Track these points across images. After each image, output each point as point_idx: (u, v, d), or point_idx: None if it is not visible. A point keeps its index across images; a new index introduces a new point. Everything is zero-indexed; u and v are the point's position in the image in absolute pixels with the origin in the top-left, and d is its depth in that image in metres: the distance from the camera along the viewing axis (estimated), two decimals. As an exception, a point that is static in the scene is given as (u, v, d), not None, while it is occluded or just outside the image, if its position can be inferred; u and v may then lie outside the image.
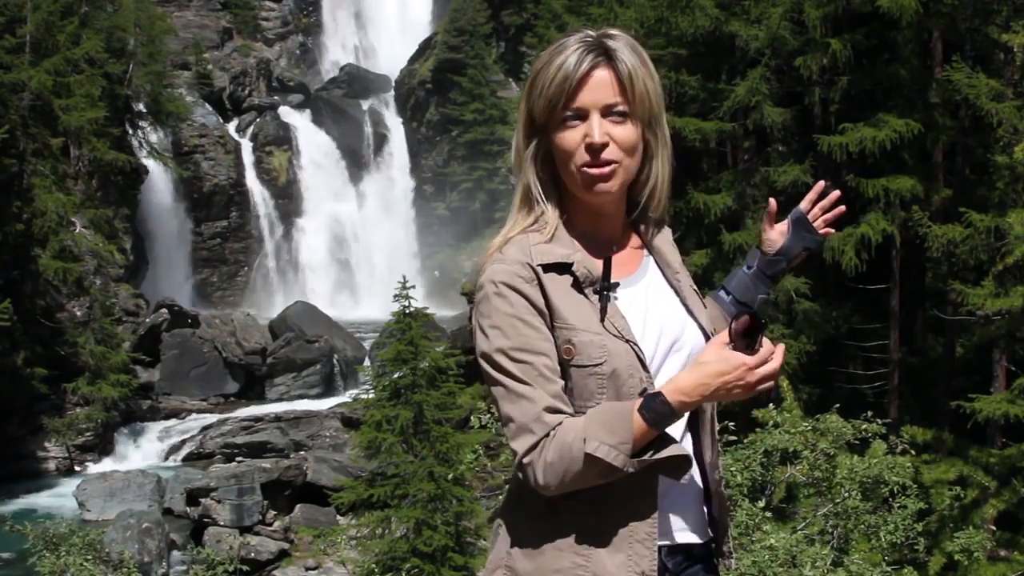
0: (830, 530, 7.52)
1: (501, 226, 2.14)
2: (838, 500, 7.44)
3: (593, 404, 1.96)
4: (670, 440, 1.93)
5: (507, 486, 2.15)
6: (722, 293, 2.37)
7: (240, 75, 45.71)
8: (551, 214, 2.06)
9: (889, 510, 7.61)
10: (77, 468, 26.22)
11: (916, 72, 16.75)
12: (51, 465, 26.22)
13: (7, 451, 25.30)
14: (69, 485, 24.06)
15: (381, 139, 45.22)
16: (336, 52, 50.50)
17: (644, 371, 1.98)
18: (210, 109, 43.81)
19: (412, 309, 15.98)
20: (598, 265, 2.02)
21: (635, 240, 2.15)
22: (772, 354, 1.88)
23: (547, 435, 1.93)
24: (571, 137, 1.99)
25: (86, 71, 30.01)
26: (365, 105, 45.80)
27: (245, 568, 8.83)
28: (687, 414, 2.00)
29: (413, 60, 45.92)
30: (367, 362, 29.35)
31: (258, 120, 44.02)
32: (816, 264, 17.45)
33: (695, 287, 2.16)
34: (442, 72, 42.65)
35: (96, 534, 10.54)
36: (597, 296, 1.99)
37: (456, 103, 41.65)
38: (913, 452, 8.75)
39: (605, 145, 1.98)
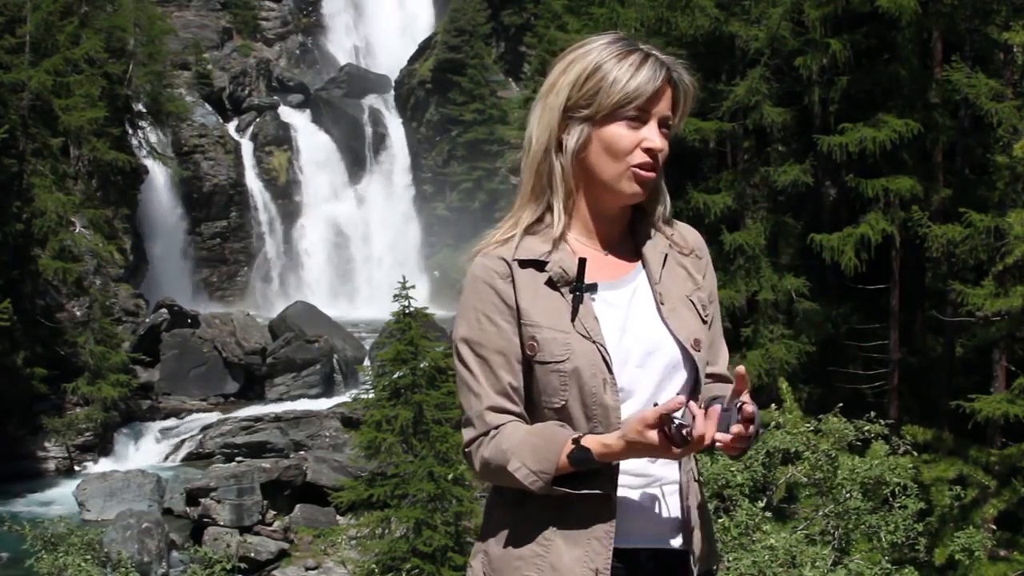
0: (831, 530, 7.51)
1: (496, 224, 2.17)
2: (839, 500, 7.43)
3: (556, 400, 2.04)
4: (594, 478, 2.00)
5: None
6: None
7: (240, 75, 45.71)
8: (559, 214, 2.11)
9: (890, 510, 7.61)
10: (77, 468, 26.22)
11: (916, 72, 16.75)
12: (51, 465, 26.22)
13: (7, 451, 25.30)
14: (69, 485, 24.05)
15: (381, 139, 45.23)
16: (336, 52, 50.49)
17: (608, 372, 2.03)
18: (210, 109, 43.81)
19: (412, 309, 15.98)
20: (574, 267, 2.06)
21: (633, 247, 2.17)
22: (696, 441, 1.91)
23: (486, 432, 2.04)
24: (630, 136, 2.05)
25: (86, 71, 30.01)
26: (365, 105, 45.79)
27: (244, 567, 8.83)
28: None
29: (413, 60, 45.92)
30: (367, 362, 29.36)
31: (258, 120, 44.03)
32: (816, 264, 17.45)
33: (697, 299, 2.16)
34: (442, 72, 42.65)
35: (95, 534, 10.54)
36: (571, 295, 2.05)
37: (456, 103, 41.66)
38: (914, 452, 8.75)
39: (660, 152, 2.07)
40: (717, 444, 1.95)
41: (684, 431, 1.88)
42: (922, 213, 15.11)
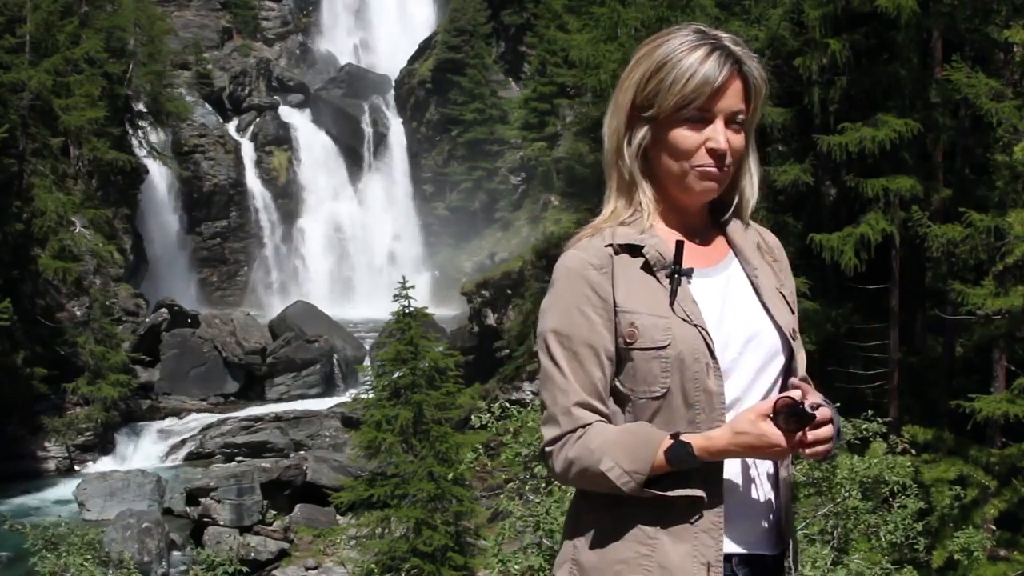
0: (830, 530, 7.51)
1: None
2: (838, 500, 7.43)
3: (658, 388, 1.97)
4: (684, 480, 1.94)
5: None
6: None
7: (240, 75, 45.71)
8: (647, 205, 2.07)
9: (889, 510, 7.61)
10: (77, 468, 26.21)
11: (916, 72, 16.75)
12: (51, 465, 26.22)
13: (7, 451, 25.29)
14: (69, 485, 24.05)
15: (381, 139, 45.23)
16: (336, 52, 50.49)
17: (711, 357, 1.97)
18: (210, 109, 43.82)
19: (412, 309, 15.99)
20: (672, 250, 2.02)
21: (720, 238, 2.15)
22: (812, 441, 1.88)
23: (572, 431, 1.96)
24: (693, 137, 2.00)
25: (86, 71, 30.02)
26: (365, 105, 45.79)
27: (245, 569, 8.83)
28: None
29: (413, 60, 45.92)
30: (367, 362, 29.36)
31: (258, 120, 44.04)
32: (816, 264, 17.45)
33: (785, 293, 2.14)
34: (442, 72, 42.65)
35: (96, 534, 10.53)
36: (668, 280, 2.00)
37: (456, 103, 41.65)
38: (913, 452, 8.75)
39: (726, 152, 2.01)
40: (808, 452, 1.88)
41: (806, 415, 1.83)
42: (922, 213, 15.11)
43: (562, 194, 29.05)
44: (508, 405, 8.10)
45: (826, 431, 1.89)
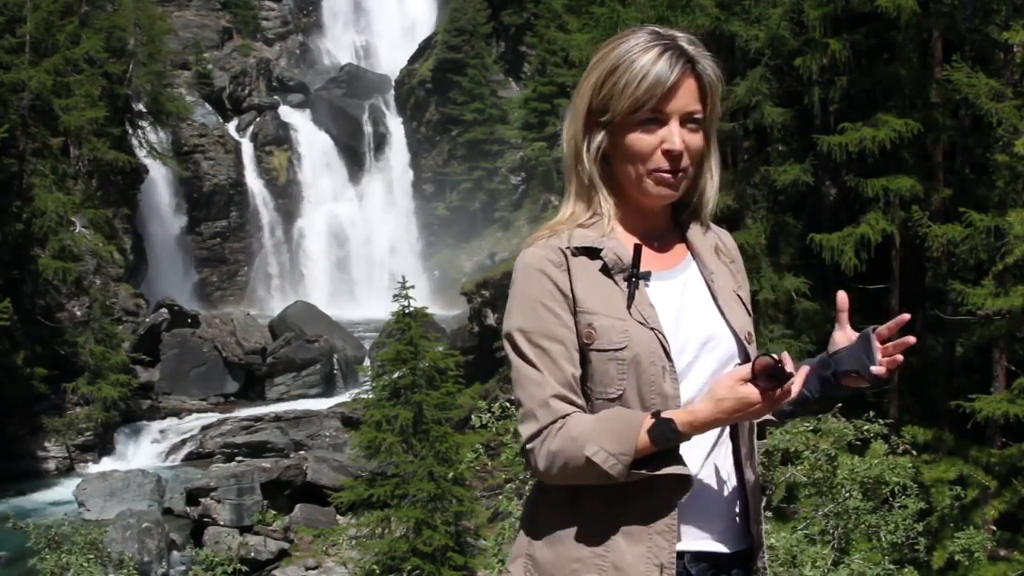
0: (831, 530, 7.51)
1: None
2: (839, 500, 7.44)
3: (613, 390, 1.98)
4: (674, 457, 1.94)
5: (530, 478, 2.16)
6: None
7: (240, 75, 45.70)
8: (607, 210, 2.07)
9: (889, 510, 7.61)
10: (77, 468, 26.21)
11: (916, 72, 16.75)
12: (51, 465, 26.21)
13: (7, 451, 25.29)
14: (69, 485, 24.05)
15: (381, 139, 45.23)
16: (336, 52, 50.50)
17: (667, 360, 1.98)
18: (210, 109, 43.82)
19: (412, 309, 15.99)
20: (631, 254, 2.03)
21: (679, 240, 2.15)
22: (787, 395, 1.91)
23: (552, 423, 1.95)
24: (648, 140, 2.00)
25: (86, 71, 30.02)
26: (365, 105, 45.79)
27: (244, 569, 8.83)
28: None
29: (413, 60, 45.92)
30: (367, 362, 29.36)
31: (258, 120, 44.03)
32: (816, 264, 17.45)
33: (742, 295, 2.16)
34: (442, 72, 42.65)
35: (97, 533, 10.53)
36: (626, 283, 2.01)
37: (456, 103, 41.65)
38: (914, 452, 8.75)
39: (681, 153, 2.00)
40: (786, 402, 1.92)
41: (783, 374, 1.86)
42: (922, 213, 15.11)
43: (562, 194, 29.02)
44: (508, 405, 8.10)
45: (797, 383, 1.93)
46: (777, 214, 18.32)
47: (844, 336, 2.22)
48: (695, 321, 2.05)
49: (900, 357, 2.11)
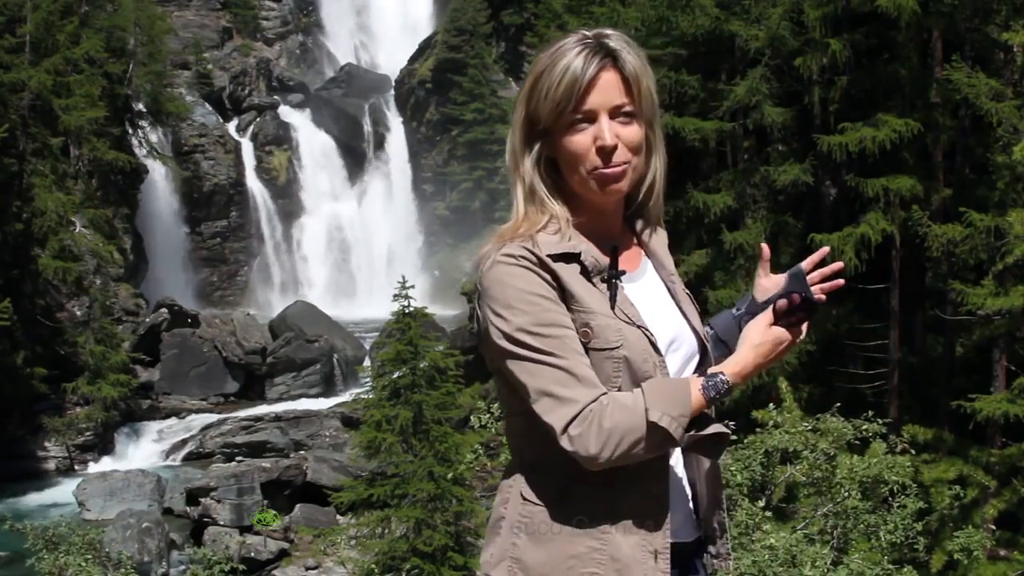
0: (830, 530, 7.51)
1: (501, 225, 2.12)
2: (838, 500, 7.43)
3: (609, 388, 1.96)
4: (710, 418, 2.00)
5: (502, 481, 2.13)
6: (707, 328, 2.31)
7: (240, 75, 45.70)
8: (561, 213, 2.04)
9: (889, 510, 7.61)
10: (77, 468, 26.21)
11: (916, 72, 16.75)
12: (51, 465, 26.22)
13: (7, 451, 25.30)
14: (69, 485, 24.05)
15: (381, 139, 45.22)
16: (336, 52, 50.49)
17: (658, 355, 2.00)
18: (210, 109, 43.81)
19: (412, 309, 15.98)
20: (604, 256, 2.03)
21: (633, 240, 2.16)
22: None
23: (592, 401, 1.90)
24: (581, 140, 1.99)
25: (86, 71, 30.01)
26: (365, 105, 45.78)
27: (243, 569, 8.83)
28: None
29: (413, 60, 45.91)
30: (367, 362, 29.35)
31: (258, 120, 44.02)
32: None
33: (688, 292, 2.20)
34: (442, 72, 42.64)
35: (96, 533, 10.53)
36: (605, 284, 2.01)
37: (456, 103, 41.65)
38: (913, 452, 8.75)
39: (615, 147, 1.98)
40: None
41: (811, 305, 2.03)
42: (922, 213, 15.11)
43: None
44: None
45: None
46: (777, 214, 18.31)
47: (771, 282, 2.23)
48: (662, 321, 2.07)
49: (840, 281, 2.20)
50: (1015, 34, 14.38)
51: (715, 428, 1.98)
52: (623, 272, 2.02)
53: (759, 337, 1.99)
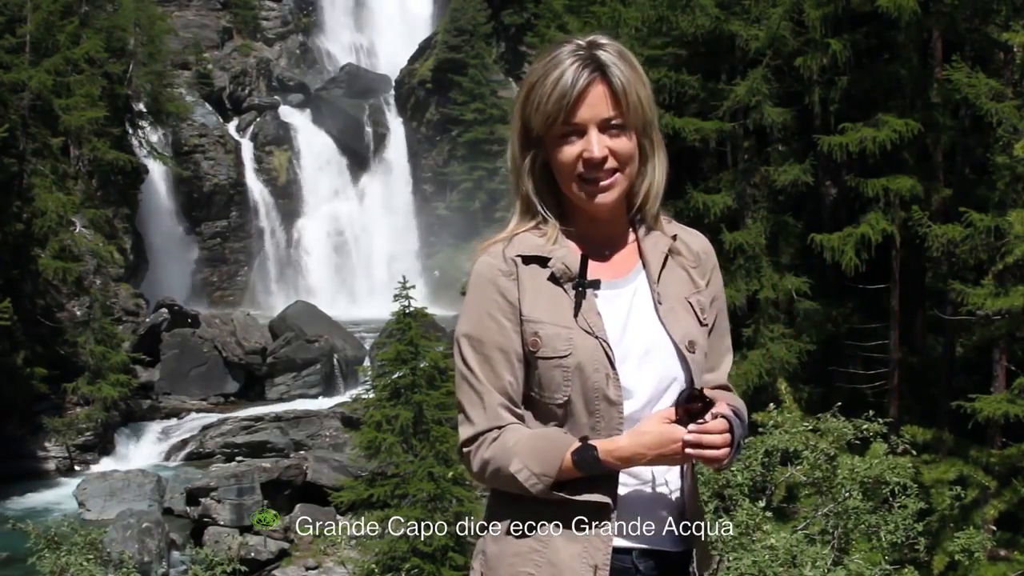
0: (830, 530, 7.51)
1: (501, 226, 2.17)
2: (838, 500, 7.43)
3: (560, 396, 2.03)
4: (598, 484, 2.01)
5: None
6: None
7: (240, 75, 45.70)
8: (552, 222, 2.11)
9: (889, 510, 7.61)
10: (77, 468, 26.21)
11: (916, 72, 16.75)
12: (51, 465, 26.21)
13: (7, 451, 25.29)
14: (69, 485, 24.05)
15: (381, 139, 45.22)
16: (336, 52, 50.48)
17: (611, 368, 2.02)
18: (210, 109, 43.81)
19: (412, 309, 15.99)
20: (576, 264, 2.06)
21: (635, 248, 2.16)
22: (712, 433, 1.95)
23: (488, 431, 2.04)
24: (570, 152, 2.03)
25: (86, 71, 30.01)
26: (365, 105, 45.78)
27: (244, 569, 8.83)
28: None
29: (413, 60, 45.90)
30: (367, 362, 29.34)
31: (258, 120, 44.03)
32: (816, 264, 17.45)
33: (694, 301, 2.15)
34: (442, 72, 42.64)
35: (98, 533, 10.52)
36: (574, 291, 2.05)
37: (456, 103, 41.64)
38: (913, 452, 8.75)
39: (604, 159, 2.02)
40: (706, 454, 1.96)
41: (702, 400, 1.93)
42: (922, 213, 15.10)
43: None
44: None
45: (721, 438, 1.96)
46: (777, 214, 18.31)
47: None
48: (638, 331, 2.08)
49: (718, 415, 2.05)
50: (1015, 34, 14.38)
51: (588, 498, 2.00)
52: (596, 281, 2.05)
53: (647, 426, 1.98)
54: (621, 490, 2.04)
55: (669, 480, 2.11)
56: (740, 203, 17.93)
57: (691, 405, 1.94)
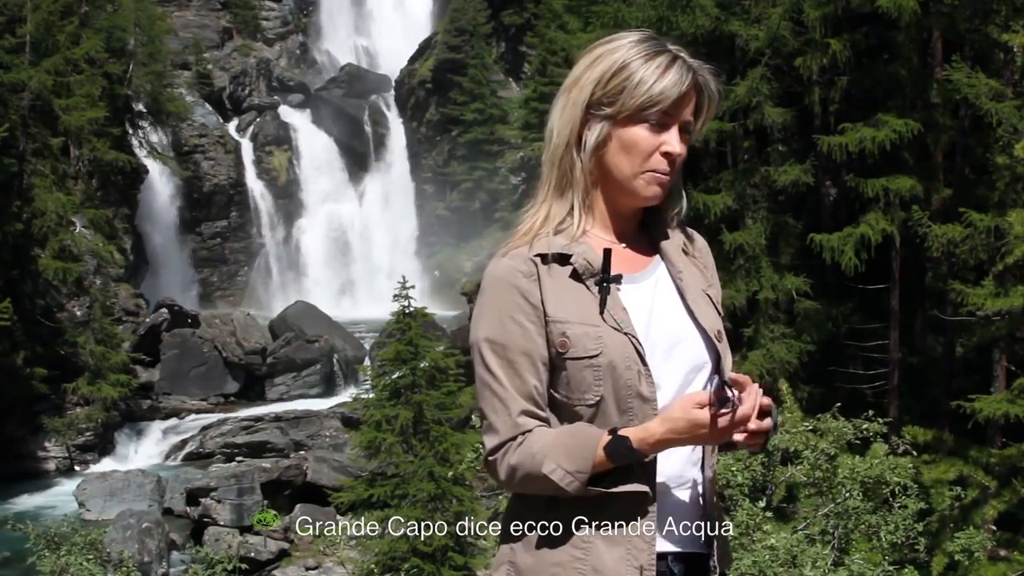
0: (831, 530, 7.51)
1: (501, 226, 2.15)
2: (839, 500, 7.44)
3: (591, 396, 1.99)
4: (634, 474, 1.97)
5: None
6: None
7: (240, 75, 45.71)
8: (579, 211, 2.08)
9: (890, 510, 7.61)
10: (77, 468, 26.21)
11: (916, 72, 16.75)
12: (51, 465, 26.21)
13: (7, 451, 25.29)
14: (69, 485, 24.04)
15: (381, 139, 45.22)
16: (336, 52, 50.48)
17: (642, 364, 1.99)
18: (210, 109, 43.81)
19: (412, 309, 15.98)
20: (600, 258, 2.03)
21: (648, 242, 2.16)
22: (742, 418, 1.92)
23: (513, 438, 1.99)
24: (650, 139, 2.03)
25: (86, 71, 30.00)
26: (365, 105, 45.78)
27: (244, 568, 8.83)
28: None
29: (413, 60, 45.90)
30: (367, 362, 29.34)
31: (258, 120, 44.03)
32: (816, 264, 17.45)
33: (711, 295, 2.16)
34: (442, 72, 42.64)
35: (98, 534, 10.52)
36: (597, 288, 2.02)
37: (456, 103, 41.64)
38: (914, 452, 8.75)
39: (677, 159, 2.06)
40: (741, 436, 1.92)
41: (730, 401, 1.89)
42: (922, 213, 15.11)
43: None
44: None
45: (766, 423, 1.93)
46: (777, 214, 18.32)
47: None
48: (664, 322, 2.06)
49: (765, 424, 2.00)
50: (1015, 34, 14.38)
51: (627, 487, 1.96)
52: (619, 276, 2.03)
53: (678, 412, 1.92)
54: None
55: (699, 481, 2.09)
56: (740, 203, 17.93)
57: (721, 392, 1.91)
